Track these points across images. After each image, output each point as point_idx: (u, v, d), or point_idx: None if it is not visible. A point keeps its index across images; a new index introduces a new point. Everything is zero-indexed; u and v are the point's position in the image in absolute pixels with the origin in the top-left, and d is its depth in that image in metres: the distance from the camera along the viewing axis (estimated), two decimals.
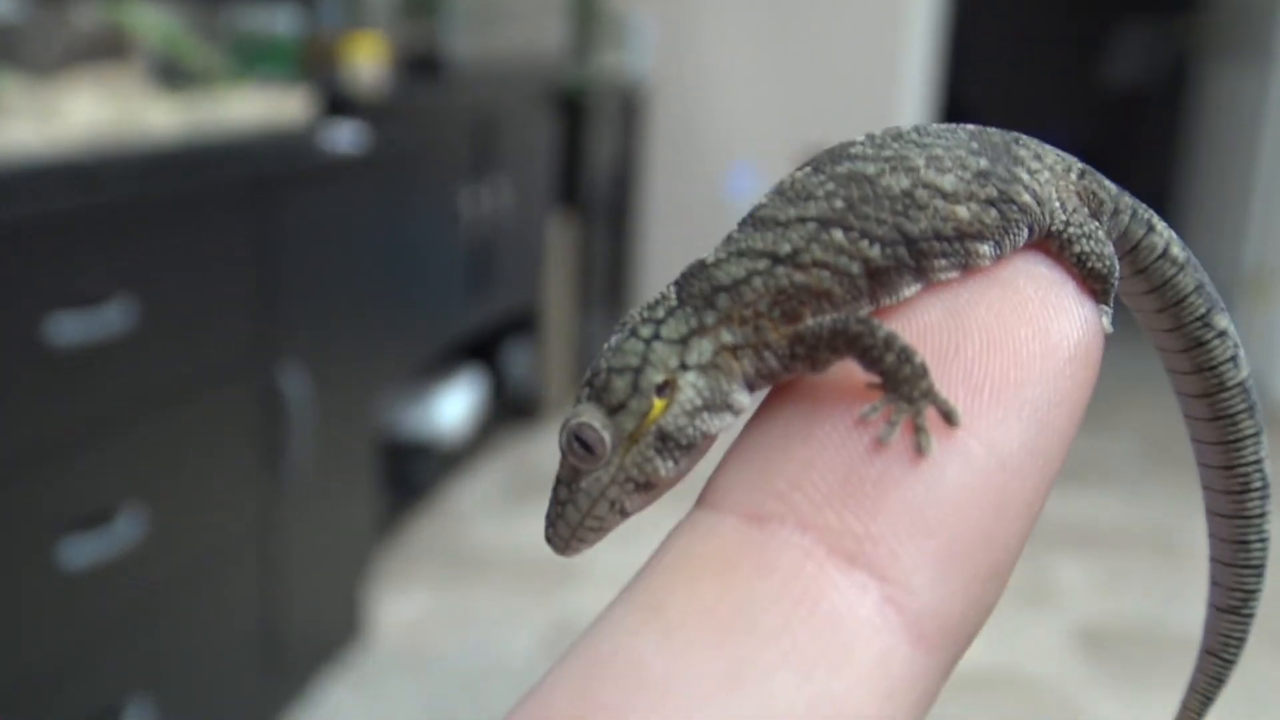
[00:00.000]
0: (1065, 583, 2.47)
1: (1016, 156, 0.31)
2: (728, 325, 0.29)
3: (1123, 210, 0.33)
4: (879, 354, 0.27)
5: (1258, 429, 0.34)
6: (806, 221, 0.29)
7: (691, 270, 0.30)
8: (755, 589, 0.24)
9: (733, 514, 0.26)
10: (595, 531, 0.30)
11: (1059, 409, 0.27)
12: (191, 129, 1.57)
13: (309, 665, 1.93)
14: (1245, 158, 4.08)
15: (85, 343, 1.31)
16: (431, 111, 2.48)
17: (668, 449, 0.29)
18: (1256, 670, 2.16)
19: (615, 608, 0.25)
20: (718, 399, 0.29)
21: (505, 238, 2.81)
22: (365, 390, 2.07)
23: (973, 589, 0.25)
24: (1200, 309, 0.33)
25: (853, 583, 0.24)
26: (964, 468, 0.26)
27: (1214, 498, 0.35)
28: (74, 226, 1.32)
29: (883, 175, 0.29)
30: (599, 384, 0.29)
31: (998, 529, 0.26)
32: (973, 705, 2.02)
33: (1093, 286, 0.30)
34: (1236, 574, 0.36)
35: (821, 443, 0.26)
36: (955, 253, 0.29)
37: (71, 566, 1.32)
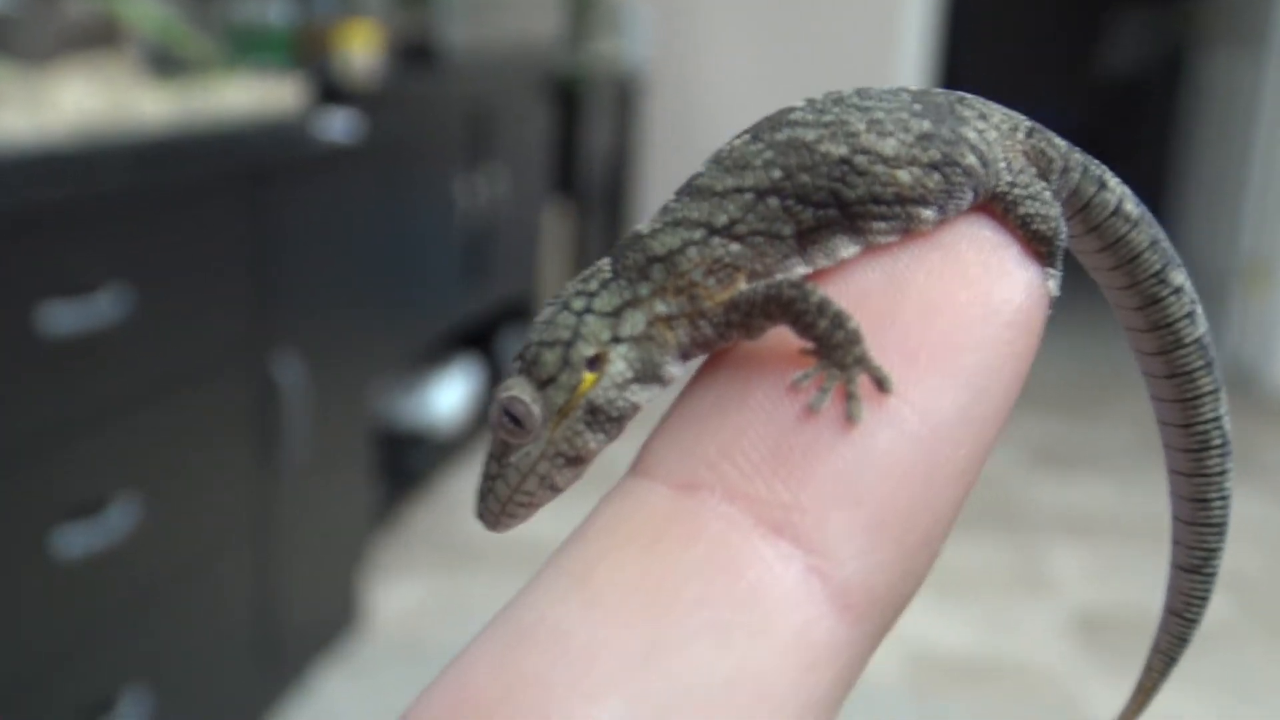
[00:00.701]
0: (1061, 571, 2.47)
1: (961, 117, 0.30)
2: (662, 296, 0.29)
3: (1073, 168, 0.32)
4: (812, 319, 0.27)
5: (1216, 386, 0.34)
6: (743, 192, 0.29)
7: (627, 241, 0.29)
8: (680, 559, 0.24)
9: (664, 482, 0.26)
10: (525, 506, 0.30)
11: (997, 375, 0.27)
12: (184, 118, 1.57)
13: (305, 655, 1.92)
14: (1241, 145, 4.08)
15: (78, 333, 1.31)
16: (426, 100, 2.48)
17: (597, 422, 0.29)
18: (1251, 657, 2.16)
19: (543, 575, 0.25)
20: (649, 370, 0.29)
21: (501, 227, 2.81)
22: (361, 380, 2.06)
23: (902, 559, 0.25)
24: (1155, 265, 0.33)
25: (778, 553, 0.24)
26: (895, 435, 0.25)
27: (1174, 456, 0.35)
28: (66, 216, 1.32)
29: (821, 141, 0.29)
30: (529, 357, 0.29)
31: (929, 498, 0.25)
32: (969, 694, 2.02)
33: (1037, 249, 0.30)
34: (1198, 532, 0.35)
35: (754, 410, 0.26)
36: (895, 216, 0.28)
37: (66, 557, 1.31)
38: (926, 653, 2.13)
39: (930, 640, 2.17)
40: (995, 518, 2.72)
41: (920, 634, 2.18)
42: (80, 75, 1.61)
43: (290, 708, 1.86)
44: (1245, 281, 3.94)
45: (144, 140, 1.46)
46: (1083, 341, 3.93)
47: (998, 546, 2.57)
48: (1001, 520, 2.72)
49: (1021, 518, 2.75)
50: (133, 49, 1.80)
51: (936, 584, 2.39)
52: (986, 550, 2.55)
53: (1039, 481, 2.96)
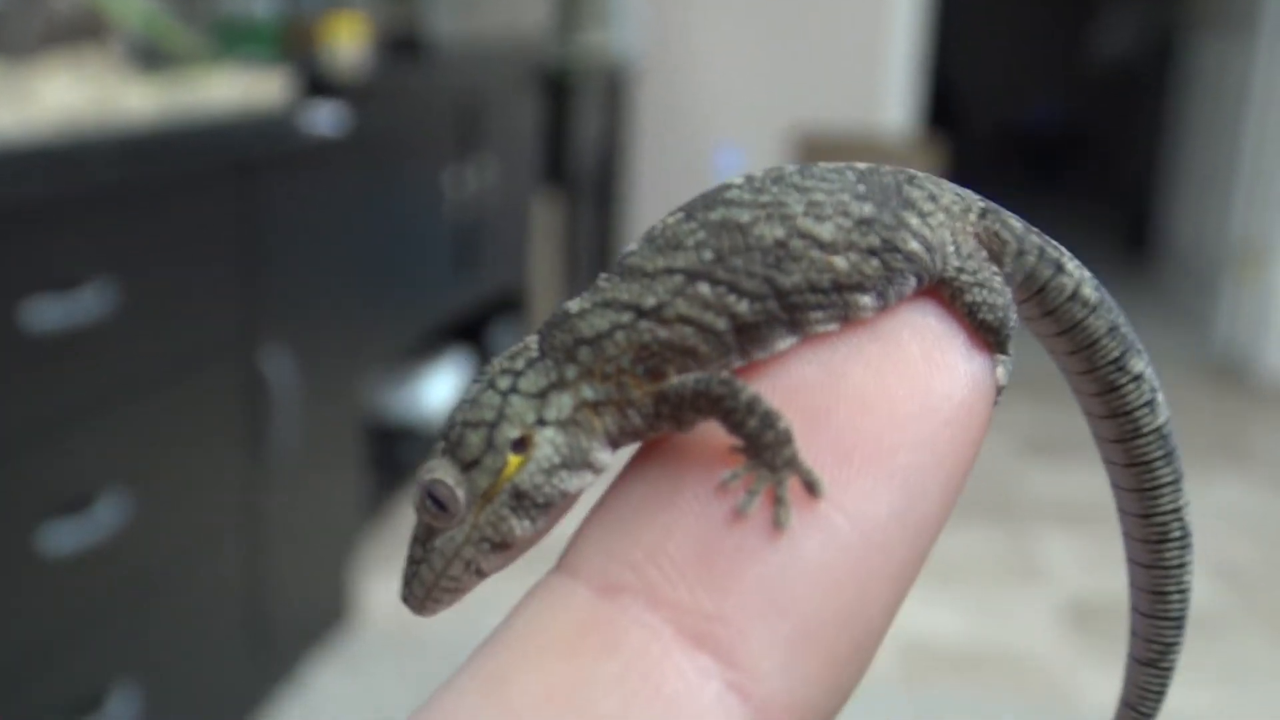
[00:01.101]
0: (1053, 560, 2.47)
1: (908, 199, 0.29)
2: (589, 380, 0.27)
3: (1028, 250, 0.31)
4: (741, 418, 0.26)
5: (1176, 476, 0.33)
6: (674, 274, 0.27)
7: (555, 319, 0.28)
8: (597, 670, 0.23)
9: (587, 582, 0.25)
10: (451, 592, 0.29)
11: (935, 475, 0.26)
12: (170, 112, 1.56)
13: (296, 648, 1.92)
14: (1231, 133, 4.08)
15: (64, 328, 1.30)
16: (414, 93, 2.47)
17: (523, 508, 0.27)
18: (1243, 645, 2.16)
19: (461, 676, 0.25)
20: (577, 457, 0.27)
21: (491, 219, 2.80)
22: (350, 373, 2.06)
23: (829, 673, 0.24)
24: (1114, 352, 0.32)
25: (696, 667, 0.23)
26: (825, 543, 0.24)
27: (1133, 546, 0.34)
28: (51, 211, 1.31)
29: (757, 224, 0.27)
30: (453, 438, 0.28)
31: (860, 608, 0.24)
32: (961, 682, 2.02)
33: (985, 338, 0.29)
34: (1155, 626, 0.34)
35: (681, 509, 0.25)
36: (833, 304, 0.27)
37: (54, 553, 1.31)
38: (918, 641, 2.13)
39: (922, 629, 2.17)
40: (987, 506, 2.73)
41: (912, 623, 2.18)
42: (65, 69, 1.60)
43: (281, 702, 1.86)
44: (1236, 268, 3.94)
45: (130, 134, 1.45)
46: None
47: (990, 535, 2.57)
48: (994, 509, 2.72)
49: (1014, 506, 2.75)
50: (118, 43, 1.79)
51: (929, 573, 2.39)
52: (979, 539, 2.55)
53: (1031, 470, 2.97)
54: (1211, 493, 2.83)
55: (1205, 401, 3.57)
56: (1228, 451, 3.14)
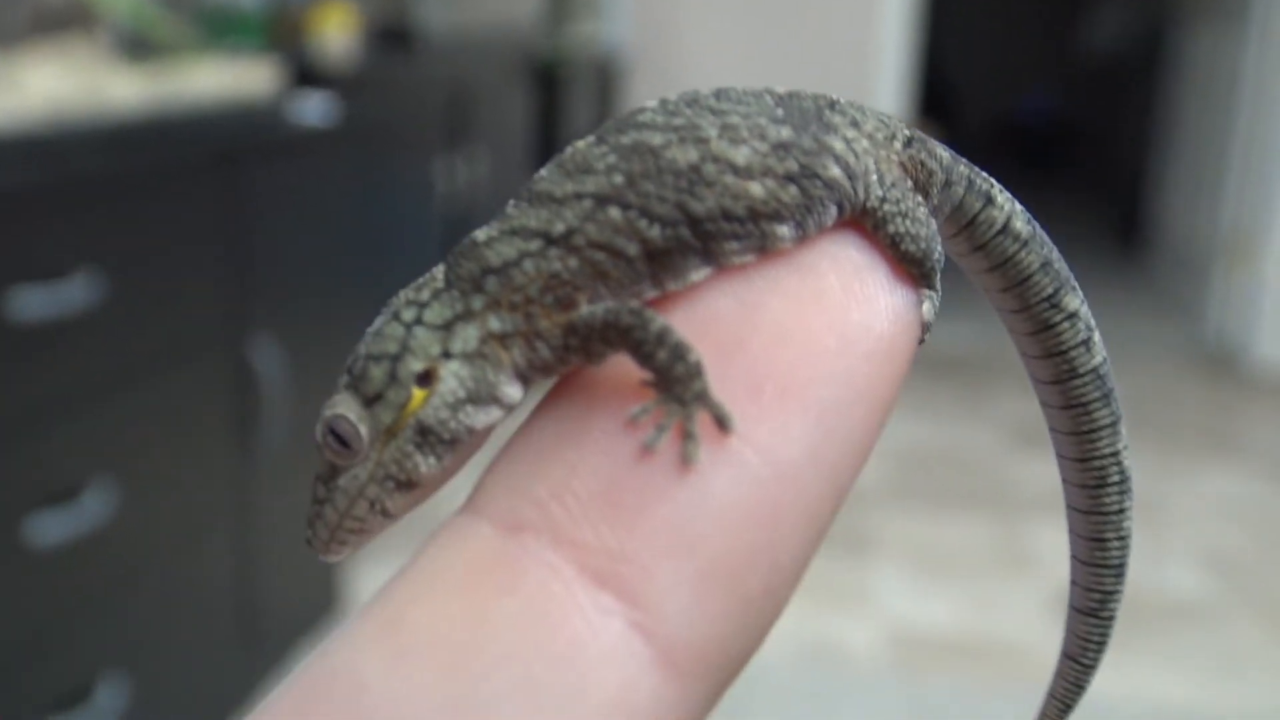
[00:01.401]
0: (1043, 548, 2.47)
1: (829, 124, 0.28)
2: (496, 311, 0.27)
3: (956, 181, 0.30)
4: (651, 350, 0.25)
5: (1114, 418, 0.32)
6: (583, 199, 0.26)
7: (462, 249, 0.27)
8: (495, 609, 0.22)
9: (491, 521, 0.24)
10: (356, 533, 0.28)
11: (852, 412, 0.25)
12: (157, 101, 1.55)
13: (286, 640, 1.92)
14: (1222, 123, 4.08)
15: (50, 318, 1.29)
16: (404, 84, 2.46)
17: (428, 444, 0.27)
18: (1235, 635, 2.17)
19: (357, 618, 0.24)
20: (484, 391, 0.27)
21: (480, 210, 2.79)
22: (339, 363, 2.04)
23: (737, 613, 0.23)
24: (1047, 289, 0.30)
25: (598, 606, 0.22)
26: (734, 479, 0.23)
27: (1071, 491, 0.33)
28: (37, 201, 1.30)
29: (669, 147, 0.26)
30: (356, 372, 0.27)
31: (770, 547, 0.23)
32: (951, 672, 2.02)
33: (908, 270, 0.28)
34: (1095, 573, 0.33)
35: (589, 446, 0.24)
36: (749, 234, 0.26)
37: (41, 544, 1.30)
38: (909, 631, 2.13)
39: (912, 619, 2.17)
40: (977, 496, 2.73)
41: (902, 613, 2.18)
42: (52, 59, 1.59)
43: (271, 693, 1.85)
44: (1227, 259, 3.95)
45: (117, 124, 1.45)
46: None
47: (979, 525, 2.57)
48: (983, 499, 2.72)
49: (1003, 496, 2.75)
50: (105, 32, 1.78)
51: (919, 563, 2.39)
52: (968, 529, 2.55)
53: (1020, 460, 2.97)
54: (1202, 483, 2.83)
55: (1196, 392, 3.57)
56: (1219, 442, 3.14)
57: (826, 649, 2.06)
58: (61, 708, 1.36)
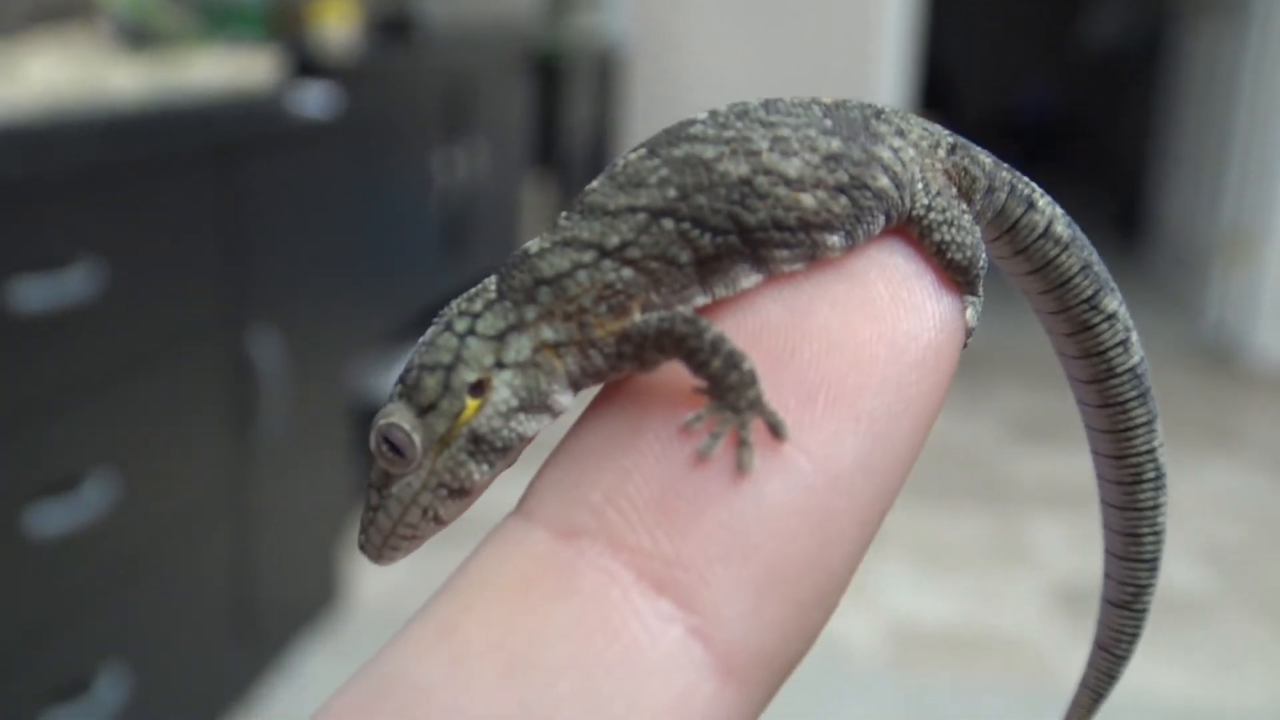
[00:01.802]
0: (1041, 543, 2.48)
1: (876, 133, 0.28)
2: (549, 321, 0.27)
3: (999, 187, 0.30)
4: (705, 358, 0.25)
5: (1150, 417, 0.32)
6: (636, 212, 0.27)
7: (514, 260, 0.27)
8: (552, 615, 0.23)
9: (544, 526, 0.24)
10: (409, 540, 0.28)
11: (901, 419, 0.25)
12: (157, 91, 1.55)
13: (285, 632, 1.92)
14: (1222, 119, 4.08)
15: (51, 308, 1.29)
16: (404, 75, 2.46)
17: (481, 452, 0.27)
18: (1234, 630, 2.17)
19: (413, 624, 0.24)
20: (536, 400, 0.27)
21: (480, 202, 2.79)
22: (338, 355, 2.05)
23: (792, 619, 0.24)
24: (1086, 291, 0.31)
25: (657, 612, 0.23)
26: (788, 486, 0.24)
27: (1106, 488, 0.33)
28: (37, 191, 1.30)
29: (721, 160, 0.27)
30: (410, 382, 0.27)
31: (823, 553, 0.24)
32: (950, 666, 2.02)
33: (954, 278, 0.28)
34: (1129, 568, 0.34)
35: (642, 452, 0.25)
36: (800, 243, 0.27)
37: (40, 534, 1.30)
38: (907, 625, 2.13)
39: (911, 613, 2.18)
40: (976, 490, 2.73)
41: (901, 607, 2.19)
42: (51, 49, 1.59)
43: (271, 685, 1.86)
44: (1227, 254, 3.95)
45: (117, 114, 1.44)
46: None
47: (978, 519, 2.58)
48: (982, 493, 2.72)
49: (1002, 490, 2.75)
50: (104, 22, 1.78)
51: (917, 557, 2.39)
52: (967, 523, 2.55)
53: (1019, 454, 2.97)
54: (1201, 476, 2.83)
55: (1195, 385, 3.57)
56: (1217, 435, 3.14)
57: (825, 644, 2.06)
58: (61, 699, 1.36)
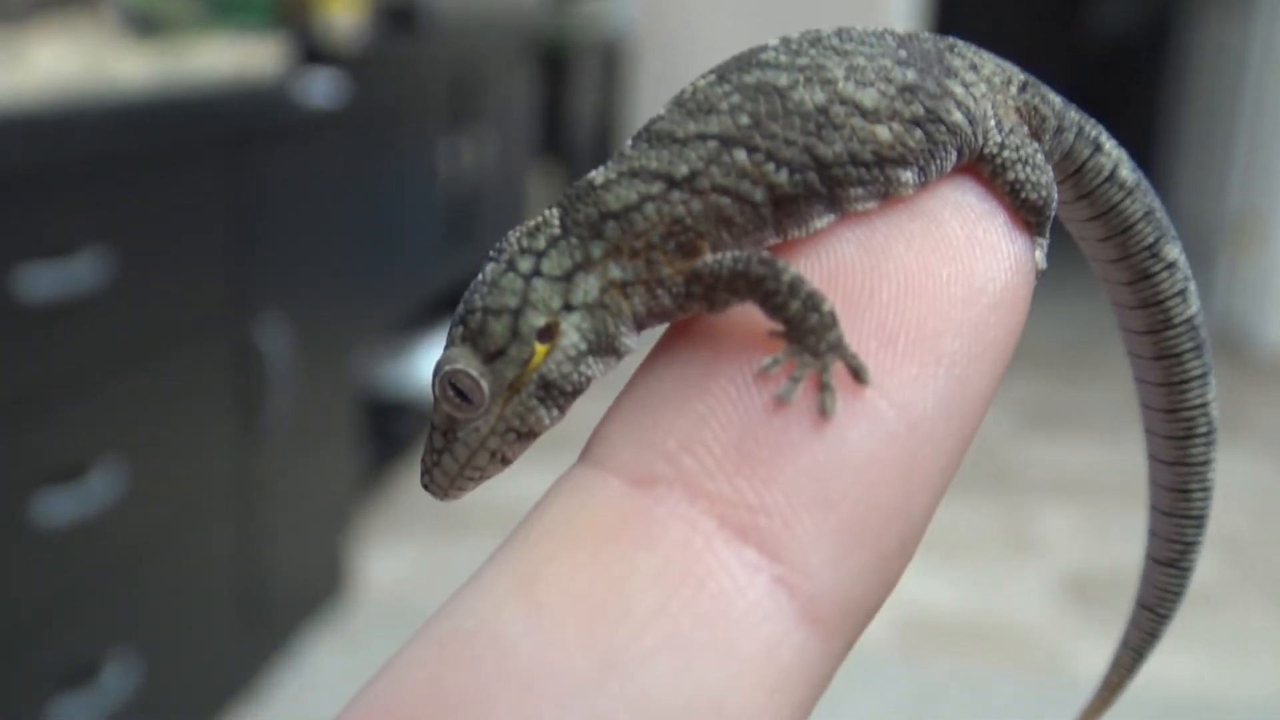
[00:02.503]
0: (1050, 532, 2.47)
1: (950, 67, 0.27)
2: (616, 258, 0.26)
3: (1067, 127, 0.30)
4: (783, 300, 0.24)
5: (1205, 370, 0.31)
6: (707, 140, 0.26)
7: (578, 191, 0.26)
8: (635, 565, 0.22)
9: (618, 474, 0.23)
10: (475, 480, 0.28)
11: (980, 362, 0.25)
12: (163, 80, 1.55)
13: (292, 622, 1.92)
14: (1229, 107, 4.07)
15: (58, 297, 1.29)
16: (410, 64, 2.45)
17: (551, 397, 0.26)
18: (1243, 618, 2.16)
19: (484, 574, 0.23)
20: (604, 342, 0.26)
21: (486, 191, 2.79)
22: (345, 344, 2.05)
23: (875, 567, 0.23)
24: (1149, 238, 0.30)
25: (743, 561, 0.22)
26: (871, 432, 0.23)
27: (1156, 442, 0.33)
28: (44, 179, 1.30)
29: (795, 88, 0.26)
30: (474, 325, 0.26)
31: (906, 499, 0.23)
32: (959, 656, 2.02)
33: (1026, 218, 0.27)
34: (1177, 524, 0.33)
35: (718, 397, 0.24)
36: (874, 180, 0.26)
37: (48, 523, 1.30)
38: (915, 614, 2.13)
39: (919, 602, 2.17)
40: (984, 479, 2.72)
41: (909, 596, 2.18)
42: (57, 36, 1.58)
43: (278, 675, 1.86)
44: (1234, 241, 3.94)
45: (123, 103, 1.44)
46: (1073, 301, 3.92)
47: (987, 508, 2.57)
48: (990, 481, 2.72)
49: (1011, 479, 2.75)
50: (110, 10, 1.77)
51: (925, 545, 2.38)
52: (975, 511, 2.55)
53: (1028, 442, 2.96)
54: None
55: None
56: (1226, 424, 3.12)
57: None
58: (67, 687, 1.36)
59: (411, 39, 2.53)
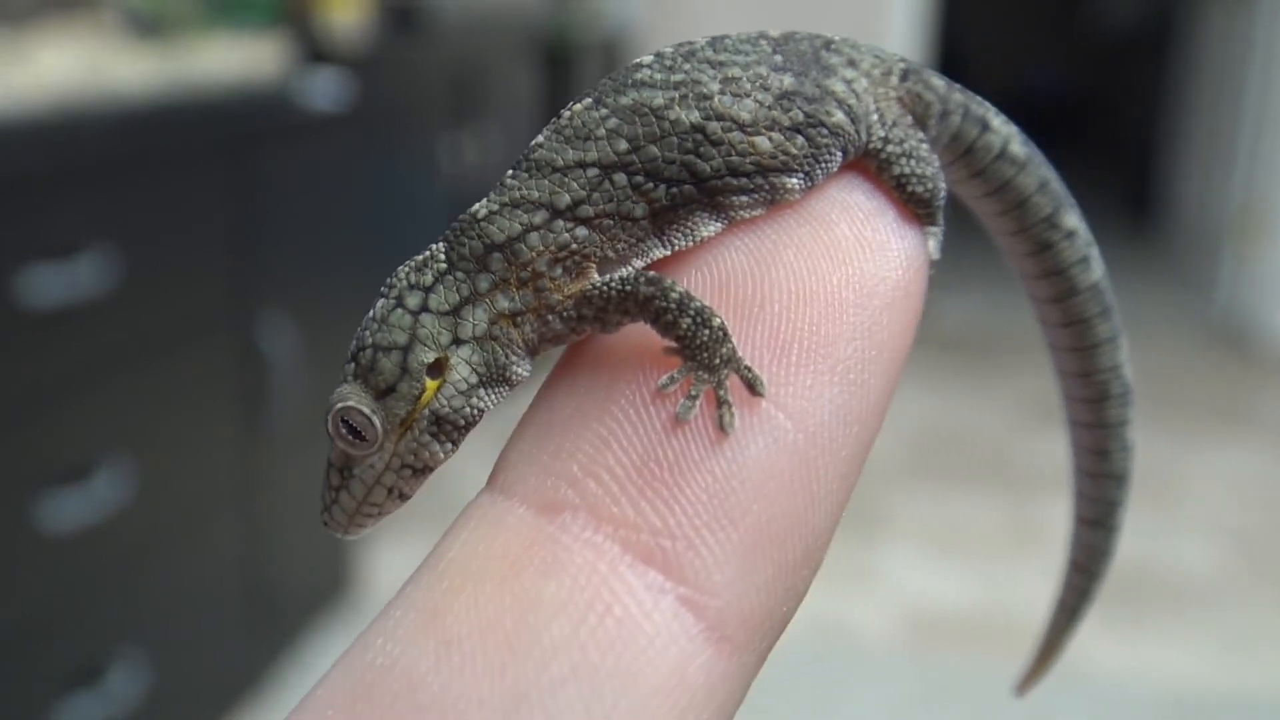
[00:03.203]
0: (1056, 525, 2.47)
1: (827, 65, 0.27)
2: (504, 289, 0.26)
3: (953, 110, 0.30)
4: (673, 318, 0.24)
5: (1114, 333, 0.32)
6: (587, 167, 0.26)
7: (461, 225, 0.27)
8: (542, 595, 0.22)
9: (523, 501, 0.24)
10: (374, 517, 0.28)
11: (876, 364, 0.25)
12: (166, 81, 1.55)
13: (297, 619, 1.92)
14: (1233, 99, 4.06)
15: (62, 298, 1.29)
16: (413, 63, 2.45)
17: (444, 431, 0.26)
18: (1248, 611, 2.16)
19: (392, 609, 0.23)
20: (495, 373, 0.26)
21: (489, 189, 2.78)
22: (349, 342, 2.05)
23: (781, 579, 0.23)
24: (1045, 209, 0.31)
25: (647, 585, 0.22)
26: (769, 445, 0.23)
27: (1074, 406, 0.33)
28: (48, 181, 1.30)
29: (671, 106, 0.26)
30: (365, 362, 0.27)
31: (808, 511, 0.23)
32: (965, 650, 2.02)
33: (915, 210, 0.27)
34: (1099, 484, 0.34)
35: (618, 419, 0.24)
36: (758, 188, 0.26)
37: (54, 524, 1.30)
38: (922, 609, 2.13)
39: (926, 596, 2.17)
40: (990, 472, 2.72)
41: (915, 590, 2.18)
42: (59, 36, 1.58)
43: (284, 673, 1.86)
44: (1237, 235, 3.93)
45: (128, 106, 1.44)
46: None
47: (993, 501, 2.57)
48: (996, 475, 2.71)
49: (1015, 473, 2.74)
50: (112, 10, 1.77)
51: (932, 541, 2.39)
52: (981, 505, 2.55)
53: (1032, 438, 2.96)
54: (1213, 458, 2.82)
55: (1208, 367, 3.56)
56: (1230, 417, 3.13)
57: (838, 628, 2.06)
58: (75, 686, 1.36)
59: (414, 38, 2.53)
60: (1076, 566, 0.35)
